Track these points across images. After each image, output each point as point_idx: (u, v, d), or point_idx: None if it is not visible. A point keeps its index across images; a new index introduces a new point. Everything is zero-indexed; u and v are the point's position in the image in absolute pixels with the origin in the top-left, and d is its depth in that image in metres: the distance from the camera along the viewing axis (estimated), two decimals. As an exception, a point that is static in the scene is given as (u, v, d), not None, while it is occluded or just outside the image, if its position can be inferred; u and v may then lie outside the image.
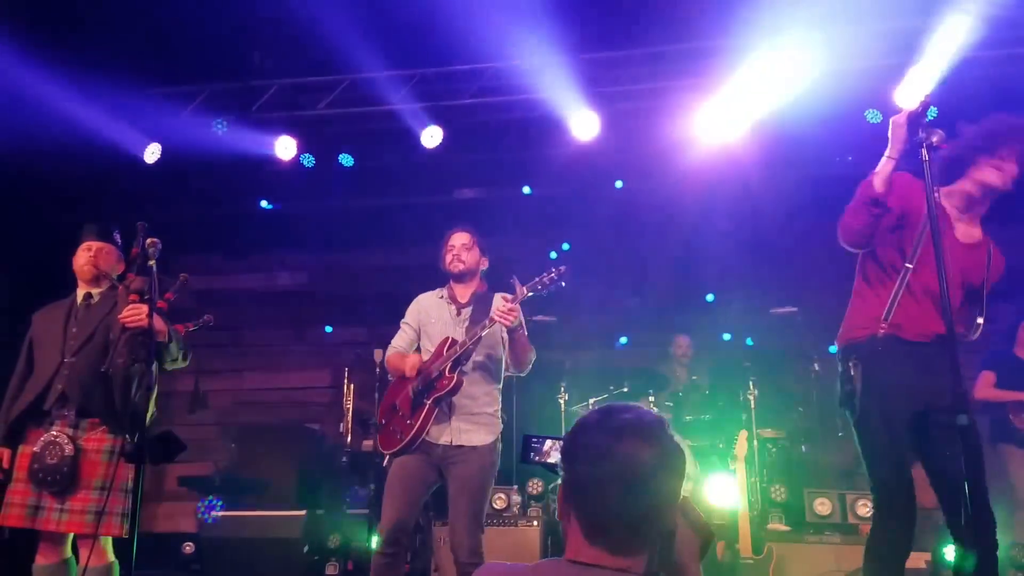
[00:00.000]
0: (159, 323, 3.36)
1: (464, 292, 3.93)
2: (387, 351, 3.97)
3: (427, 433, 3.62)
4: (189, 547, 5.58)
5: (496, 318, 3.58)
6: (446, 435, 3.63)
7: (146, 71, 6.19)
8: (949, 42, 4.92)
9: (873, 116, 5.59)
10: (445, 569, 4.92)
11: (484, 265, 3.97)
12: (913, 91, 5.11)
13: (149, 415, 3.40)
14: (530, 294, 3.65)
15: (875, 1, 5.25)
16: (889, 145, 2.81)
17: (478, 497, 3.58)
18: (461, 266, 3.89)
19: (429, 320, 3.90)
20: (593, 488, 1.44)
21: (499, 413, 3.82)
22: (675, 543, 1.49)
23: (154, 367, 3.41)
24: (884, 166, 2.83)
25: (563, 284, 3.64)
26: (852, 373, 2.90)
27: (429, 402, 3.64)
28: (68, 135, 5.96)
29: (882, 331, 2.89)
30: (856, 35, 5.53)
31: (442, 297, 3.96)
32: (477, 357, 3.74)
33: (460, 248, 3.90)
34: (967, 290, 2.98)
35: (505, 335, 3.76)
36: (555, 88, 5.83)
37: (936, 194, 2.67)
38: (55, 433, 3.37)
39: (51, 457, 3.32)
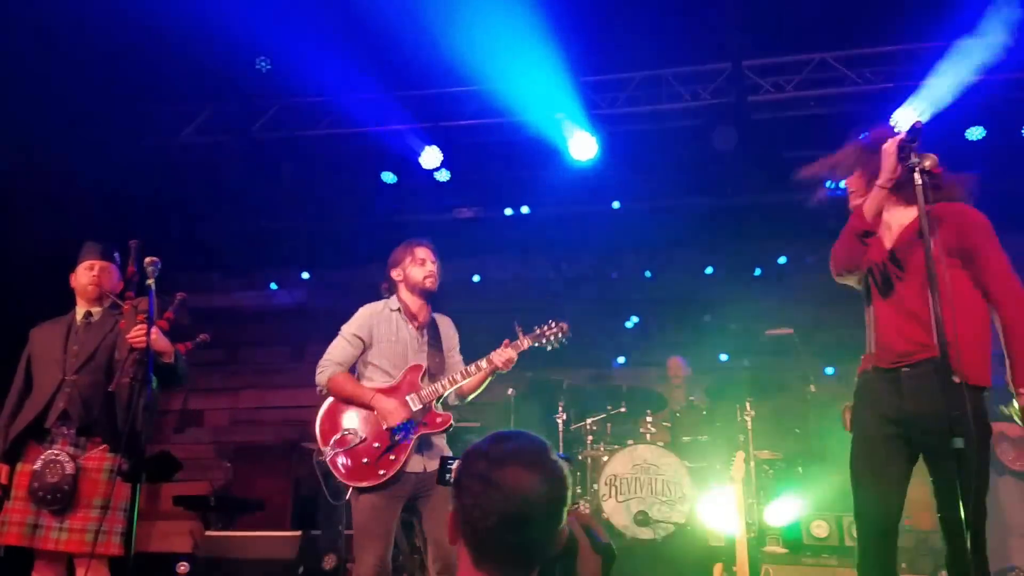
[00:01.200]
0: (165, 343, 3.38)
1: (422, 312, 3.71)
2: (326, 367, 3.57)
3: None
4: (184, 567, 5.52)
5: (499, 365, 3.51)
6: (418, 464, 3.48)
7: (147, 91, 6.23)
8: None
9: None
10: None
11: None
12: (904, 116, 5.13)
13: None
14: (534, 345, 3.59)
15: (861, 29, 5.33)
16: (880, 174, 2.72)
17: None
18: (435, 285, 3.70)
19: (384, 336, 3.62)
20: (478, 516, 1.48)
21: None
22: (577, 562, 1.54)
23: (154, 387, 3.42)
24: (874, 196, 2.76)
25: (565, 343, 3.61)
26: (844, 415, 2.95)
27: (415, 437, 3.47)
28: (67, 152, 5.98)
29: (870, 364, 2.89)
30: (846, 59, 5.61)
31: (396, 311, 3.69)
32: None
33: (433, 265, 3.72)
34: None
35: (484, 375, 3.61)
36: (554, 109, 5.88)
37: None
38: (56, 451, 3.38)
39: (52, 476, 3.33)
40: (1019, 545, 5.15)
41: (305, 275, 8.07)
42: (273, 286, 8.11)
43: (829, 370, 6.36)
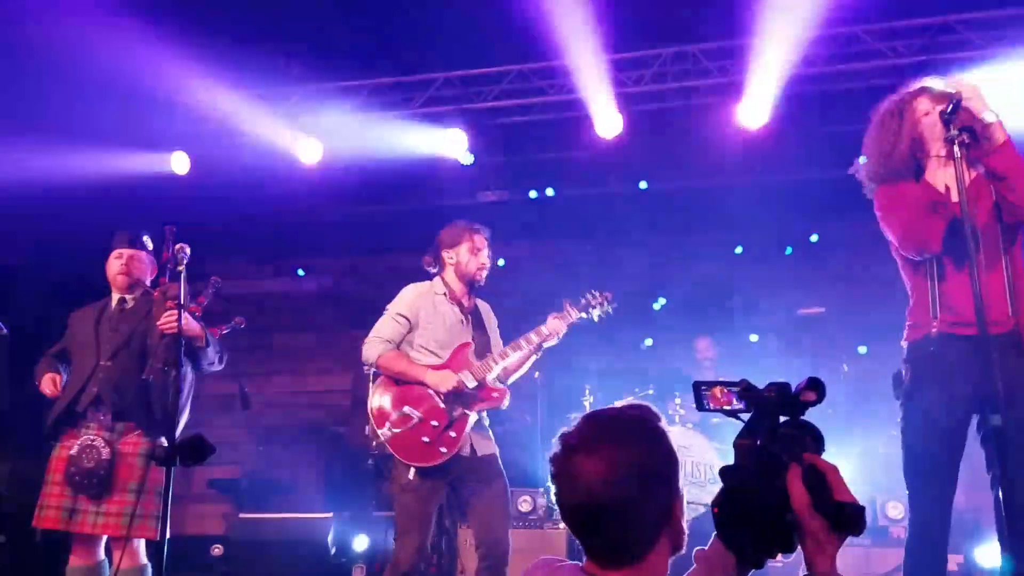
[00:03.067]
0: (196, 327, 3.41)
1: (465, 297, 3.68)
2: (375, 344, 3.54)
3: None
4: (217, 549, 5.62)
5: (550, 336, 3.55)
6: (467, 446, 3.44)
7: (172, 77, 6.25)
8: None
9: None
10: (471, 571, 4.92)
11: None
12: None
13: (184, 418, 3.46)
14: (582, 315, 3.61)
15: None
16: (932, 145, 2.79)
17: (508, 500, 3.54)
18: (484, 279, 3.67)
19: (431, 318, 3.56)
20: (561, 510, 1.44)
21: None
22: (795, 542, 1.30)
23: (189, 371, 3.47)
24: (932, 166, 2.80)
25: (611, 312, 3.65)
26: (903, 377, 2.82)
27: (472, 413, 3.45)
28: (98, 142, 6.04)
29: (935, 329, 2.75)
30: (880, 32, 5.48)
31: (443, 295, 3.63)
32: None
33: (487, 258, 3.66)
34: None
35: (528, 352, 3.62)
36: (579, 89, 5.81)
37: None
38: (92, 437, 3.43)
39: (88, 461, 3.38)
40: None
41: (332, 262, 8.09)
42: (300, 272, 8.13)
43: (862, 349, 6.27)
